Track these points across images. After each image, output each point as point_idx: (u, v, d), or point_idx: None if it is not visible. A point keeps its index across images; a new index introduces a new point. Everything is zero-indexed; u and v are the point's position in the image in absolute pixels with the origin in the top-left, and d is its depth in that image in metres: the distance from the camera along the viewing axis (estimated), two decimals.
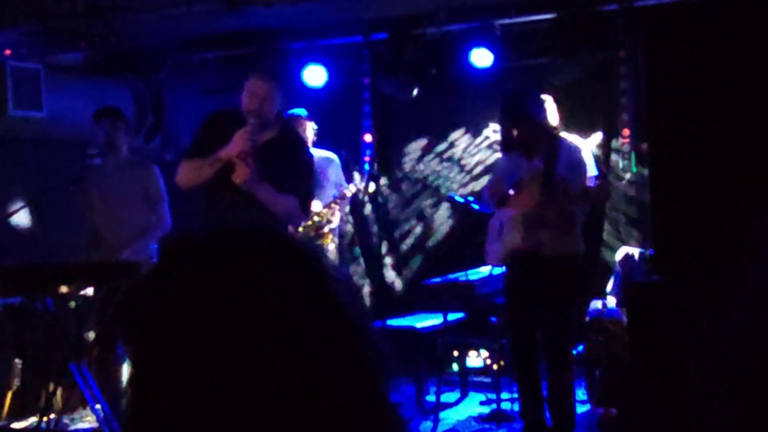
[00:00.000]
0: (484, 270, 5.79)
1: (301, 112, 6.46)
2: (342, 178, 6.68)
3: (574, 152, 5.06)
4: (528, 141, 5.08)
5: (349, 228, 8.15)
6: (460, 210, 7.51)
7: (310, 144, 6.29)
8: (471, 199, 6.20)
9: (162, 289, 0.98)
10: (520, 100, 5.07)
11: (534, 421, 5.24)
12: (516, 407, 5.55)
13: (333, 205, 6.42)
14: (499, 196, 5.13)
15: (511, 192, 5.09)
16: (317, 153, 6.30)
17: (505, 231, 5.16)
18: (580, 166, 5.01)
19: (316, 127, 6.57)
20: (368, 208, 8.07)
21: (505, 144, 5.30)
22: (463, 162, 7.88)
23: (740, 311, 0.97)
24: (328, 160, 6.65)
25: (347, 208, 7.71)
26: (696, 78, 4.06)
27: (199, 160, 4.54)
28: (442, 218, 7.94)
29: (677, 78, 4.15)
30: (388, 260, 8.06)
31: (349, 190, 6.45)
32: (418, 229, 8.05)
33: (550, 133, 5.09)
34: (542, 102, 5.13)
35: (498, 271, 5.63)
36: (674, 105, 4.21)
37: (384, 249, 7.98)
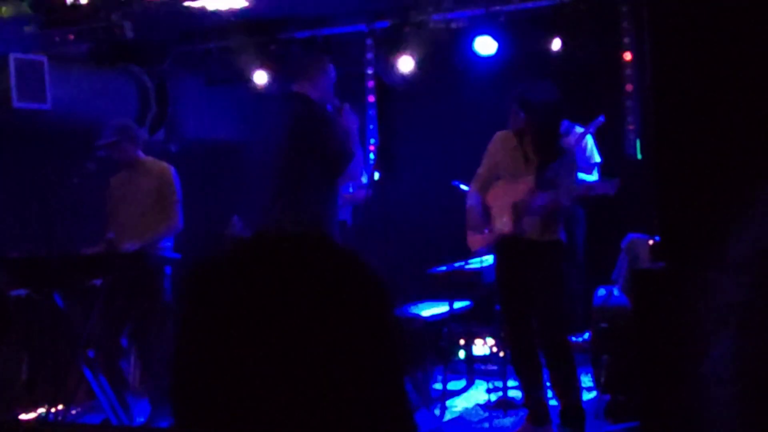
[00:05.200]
0: (490, 258, 5.79)
1: None
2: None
3: (569, 153, 5.28)
4: (532, 138, 5.13)
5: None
6: (464, 197, 7.50)
7: None
8: None
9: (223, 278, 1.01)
10: (538, 96, 5.09)
11: (536, 409, 5.24)
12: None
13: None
14: (473, 227, 5.29)
15: (482, 235, 5.26)
16: None
17: (494, 217, 5.21)
18: (572, 165, 5.26)
19: None
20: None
21: (510, 126, 5.29)
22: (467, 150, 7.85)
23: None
24: None
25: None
26: (702, 64, 4.05)
27: None
28: (446, 205, 7.92)
29: (683, 64, 4.14)
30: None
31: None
32: (422, 217, 8.02)
33: (557, 139, 5.23)
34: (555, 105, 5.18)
35: None
36: (680, 91, 4.20)
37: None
